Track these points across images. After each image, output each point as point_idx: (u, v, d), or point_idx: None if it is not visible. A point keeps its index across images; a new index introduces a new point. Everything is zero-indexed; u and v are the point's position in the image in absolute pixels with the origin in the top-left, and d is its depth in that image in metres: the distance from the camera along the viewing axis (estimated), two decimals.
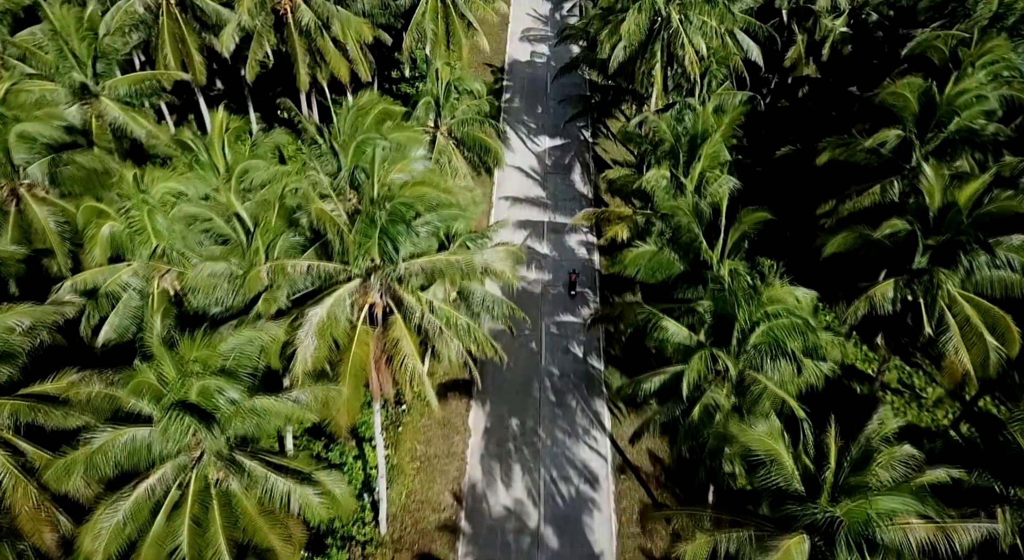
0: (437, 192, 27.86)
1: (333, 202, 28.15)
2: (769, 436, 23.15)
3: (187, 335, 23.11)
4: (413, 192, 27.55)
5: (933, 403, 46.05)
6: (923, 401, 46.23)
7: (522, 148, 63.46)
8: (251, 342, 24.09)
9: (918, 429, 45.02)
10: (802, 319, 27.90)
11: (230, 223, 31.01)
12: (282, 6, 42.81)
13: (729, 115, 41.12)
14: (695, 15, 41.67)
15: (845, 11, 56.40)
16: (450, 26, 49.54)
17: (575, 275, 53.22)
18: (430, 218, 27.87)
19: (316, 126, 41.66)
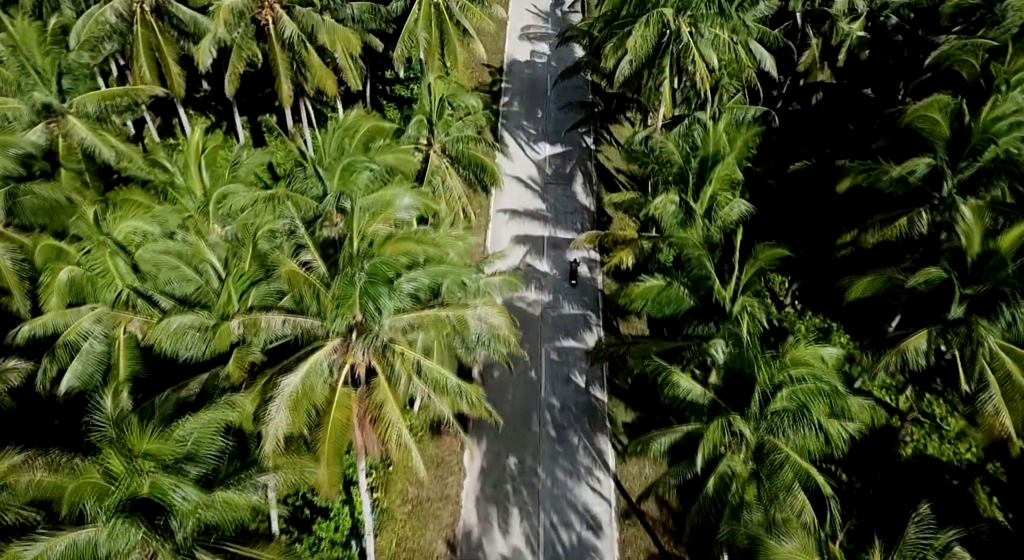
0: (424, 246, 25.03)
1: (311, 252, 25.31)
2: (803, 553, 20.43)
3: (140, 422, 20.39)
4: (397, 248, 24.74)
5: (956, 435, 43.41)
6: (945, 432, 43.61)
7: (521, 156, 60.49)
8: (212, 423, 21.38)
9: (940, 464, 42.49)
10: (830, 385, 25.13)
11: (200, 266, 28.20)
12: (263, 16, 39.79)
13: (742, 136, 38.27)
14: (707, 27, 38.68)
15: (863, 14, 53.27)
16: (444, 34, 46.46)
17: (576, 264, 51.19)
18: (416, 275, 25.10)
19: (300, 150, 38.79)
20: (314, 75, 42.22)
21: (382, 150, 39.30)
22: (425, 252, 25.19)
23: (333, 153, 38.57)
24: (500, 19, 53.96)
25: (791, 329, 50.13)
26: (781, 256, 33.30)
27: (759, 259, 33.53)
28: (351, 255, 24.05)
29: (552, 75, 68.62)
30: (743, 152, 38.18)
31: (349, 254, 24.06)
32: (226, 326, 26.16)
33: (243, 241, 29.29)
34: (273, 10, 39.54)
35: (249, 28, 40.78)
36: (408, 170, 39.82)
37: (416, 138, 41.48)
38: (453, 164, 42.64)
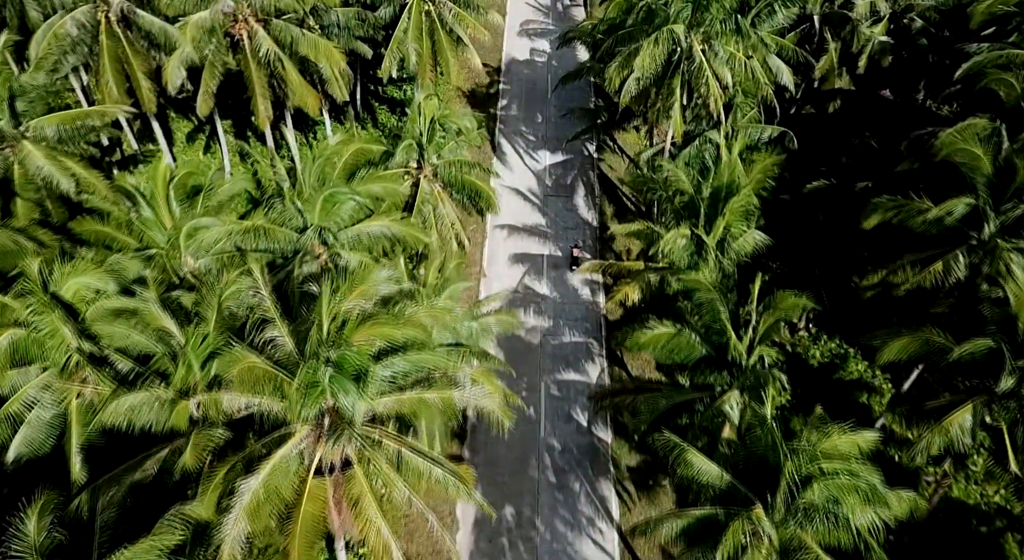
0: (404, 330, 21.88)
1: (278, 327, 22.20)
2: None
3: None
4: (373, 333, 21.61)
5: (983, 475, 40.53)
6: (970, 472, 40.75)
7: (519, 165, 57.17)
8: (155, 549, 18.41)
9: (966, 507, 39.70)
10: (868, 483, 22.11)
11: (158, 332, 25.14)
12: (236, 31, 36.37)
13: (760, 163, 35.08)
14: (721, 46, 35.30)
15: (885, 16, 49.74)
16: (436, 43, 43.00)
17: (577, 249, 49.35)
18: (395, 362, 22.02)
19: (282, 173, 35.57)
20: (294, 93, 38.87)
21: (368, 178, 36.18)
22: (406, 337, 22.08)
23: (314, 183, 35.40)
24: (497, 26, 50.32)
25: (805, 354, 47.27)
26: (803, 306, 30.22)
27: (779, 308, 30.55)
28: (319, 340, 20.97)
29: (553, 75, 65.09)
30: (760, 182, 34.98)
31: (317, 338, 20.97)
32: (184, 405, 23.19)
33: (209, 302, 26.08)
34: (247, 24, 36.10)
35: (222, 43, 37.36)
36: (396, 199, 36.66)
37: (405, 162, 38.25)
38: (446, 188, 39.45)
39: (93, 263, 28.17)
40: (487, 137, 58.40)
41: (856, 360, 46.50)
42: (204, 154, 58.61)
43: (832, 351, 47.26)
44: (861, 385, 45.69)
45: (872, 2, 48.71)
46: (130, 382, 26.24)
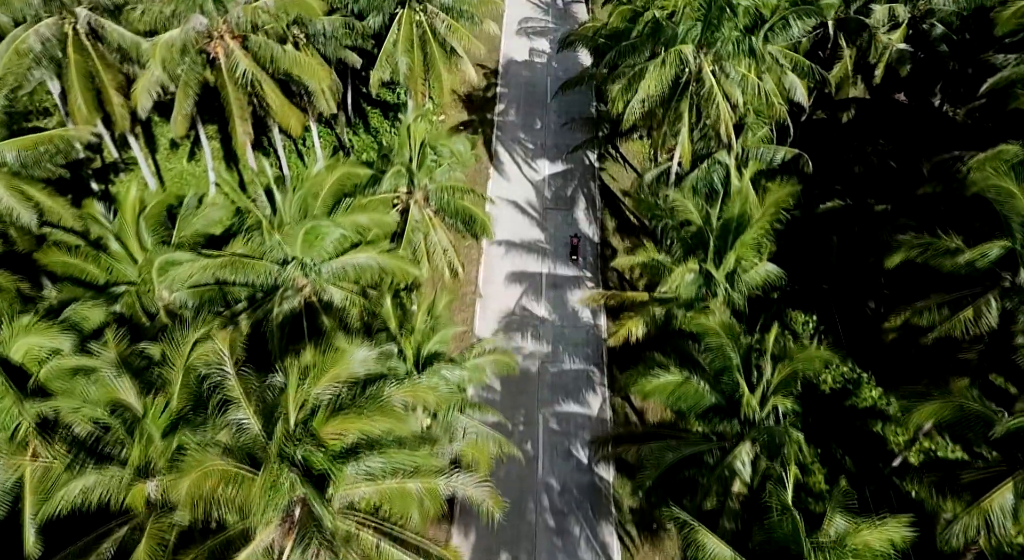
0: (382, 423, 19.48)
1: (243, 408, 19.84)
2: None
3: None
4: (346, 427, 19.24)
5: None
6: None
7: (517, 175, 54.62)
8: None
9: None
10: None
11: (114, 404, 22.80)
12: (212, 49, 33.75)
13: (773, 195, 32.59)
14: (733, 66, 32.68)
15: (904, 22, 46.97)
16: (428, 55, 40.33)
17: (576, 239, 48.38)
18: (370, 460, 19.65)
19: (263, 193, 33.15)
20: (275, 113, 36.27)
21: (353, 208, 33.77)
22: (384, 431, 19.69)
23: (295, 215, 32.97)
24: (493, 36, 47.61)
25: (816, 378, 44.95)
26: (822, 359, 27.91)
27: (796, 361, 28.18)
28: (285, 434, 18.62)
29: (553, 78, 62.41)
30: (774, 215, 32.52)
31: (284, 431, 18.61)
32: (140, 489, 20.89)
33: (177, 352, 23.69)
34: (223, 42, 33.46)
35: (197, 60, 34.70)
36: (384, 229, 34.26)
37: (395, 186, 35.80)
38: (438, 213, 37.03)
39: (45, 323, 25.59)
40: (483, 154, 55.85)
41: (870, 386, 44.27)
42: (189, 161, 56.17)
43: (844, 375, 44.97)
44: (875, 413, 43.42)
45: (891, 7, 45.86)
46: (89, 448, 23.96)
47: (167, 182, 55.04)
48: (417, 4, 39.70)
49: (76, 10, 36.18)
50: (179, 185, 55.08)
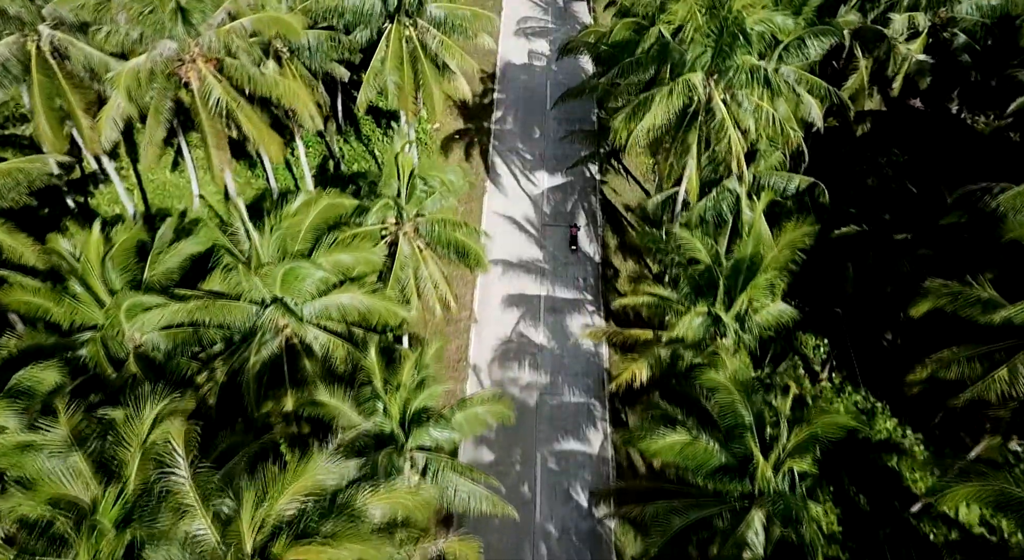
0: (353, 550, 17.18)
1: (199, 516, 17.59)
2: None
3: None
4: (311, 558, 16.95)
5: None
6: None
7: (515, 189, 52.16)
8: None
9: None
10: None
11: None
12: (184, 74, 31.21)
13: (788, 235, 30.32)
14: (745, 96, 30.16)
15: (924, 30, 44.31)
16: (419, 73, 37.76)
17: (576, 228, 47.79)
18: None
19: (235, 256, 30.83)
20: (253, 140, 33.80)
21: (337, 245, 31.50)
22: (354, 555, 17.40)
23: (273, 254, 30.64)
24: (489, 50, 45.02)
25: (827, 408, 42.73)
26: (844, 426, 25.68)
27: (815, 424, 25.97)
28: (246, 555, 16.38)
29: (553, 82, 59.82)
30: (788, 257, 30.19)
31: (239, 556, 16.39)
32: None
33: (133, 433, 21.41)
34: (196, 67, 30.91)
35: (168, 85, 32.14)
36: (370, 267, 31.99)
37: (382, 218, 33.46)
38: (429, 246, 34.69)
39: None
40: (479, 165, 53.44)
41: (884, 416, 42.19)
42: (172, 171, 53.84)
43: (858, 405, 42.81)
44: (890, 446, 41.29)
45: (910, 16, 43.21)
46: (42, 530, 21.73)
47: (149, 194, 52.73)
48: (407, 19, 37.06)
49: (39, 28, 33.62)
50: (161, 197, 52.76)
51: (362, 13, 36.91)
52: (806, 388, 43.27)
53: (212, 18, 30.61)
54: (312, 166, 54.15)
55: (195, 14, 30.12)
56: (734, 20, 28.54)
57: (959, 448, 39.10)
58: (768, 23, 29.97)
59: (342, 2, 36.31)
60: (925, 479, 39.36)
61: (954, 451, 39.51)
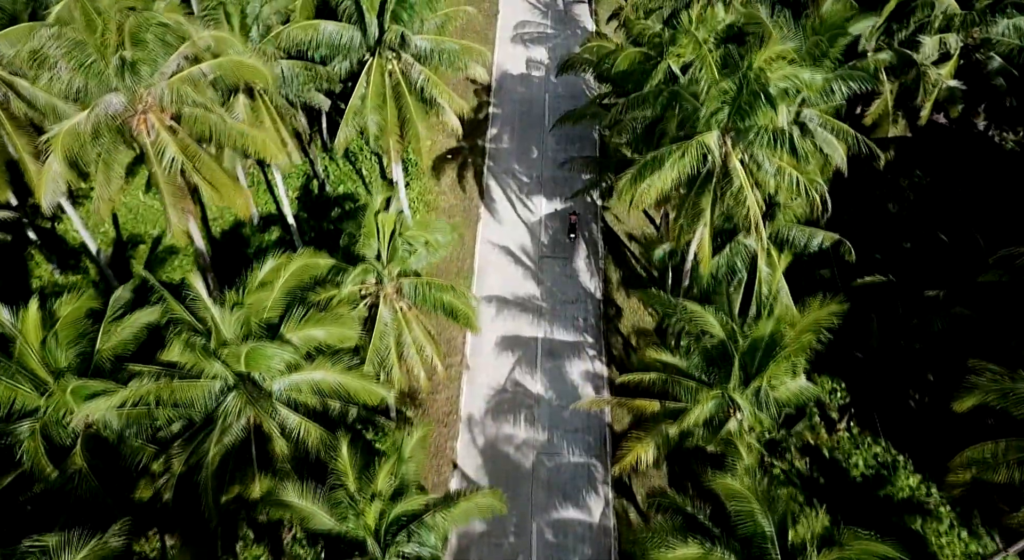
0: None
1: None
2: None
3: None
4: None
5: None
6: None
7: (510, 216, 48.74)
8: None
9: None
10: None
11: None
12: (136, 126, 27.62)
13: (812, 316, 27.05)
14: (766, 156, 26.64)
15: (955, 52, 40.66)
16: (403, 109, 34.18)
17: (575, 216, 46.58)
18: None
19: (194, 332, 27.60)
20: (218, 195, 30.33)
21: (308, 320, 28.31)
22: None
23: (236, 331, 27.40)
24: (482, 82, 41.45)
25: (845, 461, 39.80)
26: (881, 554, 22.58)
27: (847, 550, 22.86)
28: None
29: (552, 95, 56.20)
30: (812, 337, 26.98)
31: None
32: None
33: None
34: (147, 119, 27.38)
35: (118, 139, 28.54)
36: (346, 341, 28.81)
37: (361, 279, 30.22)
38: (412, 308, 31.46)
39: None
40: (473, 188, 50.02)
41: (907, 472, 39.15)
42: (145, 193, 50.51)
43: (878, 457, 39.81)
44: (913, 506, 38.33)
45: (941, 38, 39.58)
46: None
47: (121, 218, 49.43)
48: (389, 52, 33.44)
49: None
50: (133, 222, 49.49)
51: (339, 46, 33.33)
52: (822, 438, 40.24)
53: (166, 66, 27.07)
54: (295, 187, 50.79)
55: (144, 66, 26.59)
56: (755, 78, 25.05)
57: (990, 512, 36.30)
58: (794, 79, 26.45)
59: (316, 35, 32.67)
60: (952, 545, 36.56)
61: (984, 515, 36.73)
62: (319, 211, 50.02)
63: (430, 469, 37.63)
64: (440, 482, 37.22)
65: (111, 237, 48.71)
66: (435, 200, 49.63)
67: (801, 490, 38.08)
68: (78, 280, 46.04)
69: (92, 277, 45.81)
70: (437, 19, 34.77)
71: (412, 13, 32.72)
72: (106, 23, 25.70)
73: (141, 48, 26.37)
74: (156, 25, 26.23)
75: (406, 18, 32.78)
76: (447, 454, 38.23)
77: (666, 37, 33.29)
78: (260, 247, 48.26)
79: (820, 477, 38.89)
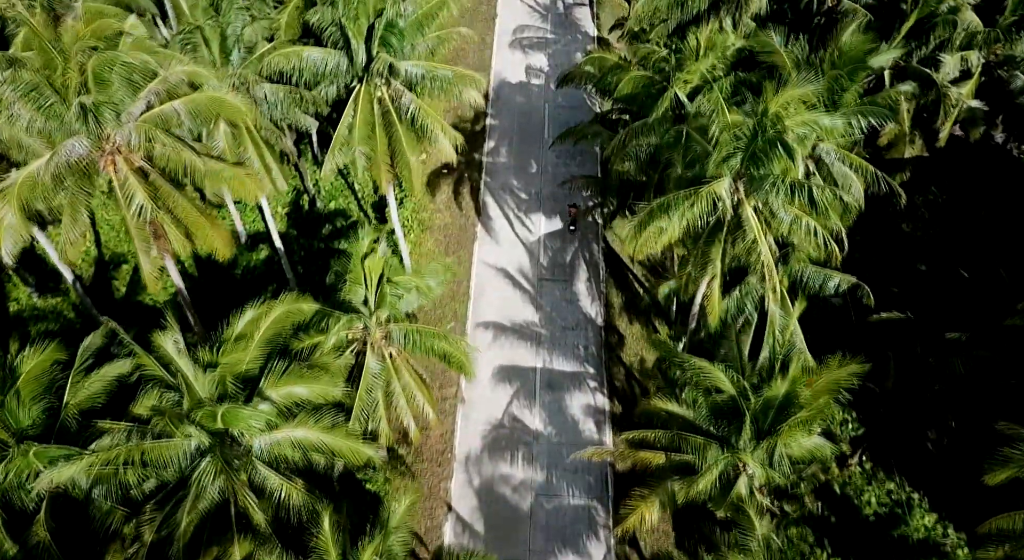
0: None
1: None
2: None
3: None
4: None
5: None
6: None
7: (508, 235, 46.76)
8: None
9: None
10: None
11: None
12: (104, 168, 25.53)
13: (830, 375, 25.18)
14: (783, 206, 24.62)
15: (976, 70, 38.56)
16: (393, 139, 32.07)
17: (575, 208, 45.31)
18: None
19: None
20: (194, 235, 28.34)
21: (290, 375, 26.42)
22: None
23: (209, 392, 25.58)
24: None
25: (856, 497, 38.09)
26: None
27: None
28: None
29: (552, 105, 54.10)
30: (830, 399, 25.17)
31: None
32: None
33: None
34: (115, 161, 25.36)
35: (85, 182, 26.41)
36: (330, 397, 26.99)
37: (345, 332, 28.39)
38: (401, 353, 29.64)
39: None
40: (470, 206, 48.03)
41: (923, 510, 37.44)
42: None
43: (891, 494, 38.12)
44: (929, 548, 36.70)
45: (963, 55, 37.48)
46: None
47: (104, 237, 47.54)
48: (378, 79, 31.34)
49: None
50: (116, 241, 47.54)
51: (324, 74, 31.28)
52: (833, 473, 38.51)
53: (134, 106, 25.02)
54: (284, 203, 48.83)
55: (108, 109, 24.54)
56: (772, 125, 23.04)
57: None
58: (813, 126, 24.45)
59: (299, 63, 30.60)
60: None
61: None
62: (310, 228, 48.12)
63: (423, 512, 35.94)
64: (434, 526, 35.56)
65: (93, 256, 46.89)
66: (430, 218, 47.65)
67: (811, 530, 36.54)
68: (58, 303, 44.37)
69: (72, 299, 44.04)
70: (429, 42, 32.66)
71: (401, 39, 30.64)
72: (67, 62, 23.63)
73: (105, 88, 24.31)
74: (121, 65, 24.19)
75: (395, 43, 30.70)
76: (441, 495, 36.53)
77: (672, 63, 31.21)
78: (248, 267, 46.49)
79: (831, 515, 37.26)
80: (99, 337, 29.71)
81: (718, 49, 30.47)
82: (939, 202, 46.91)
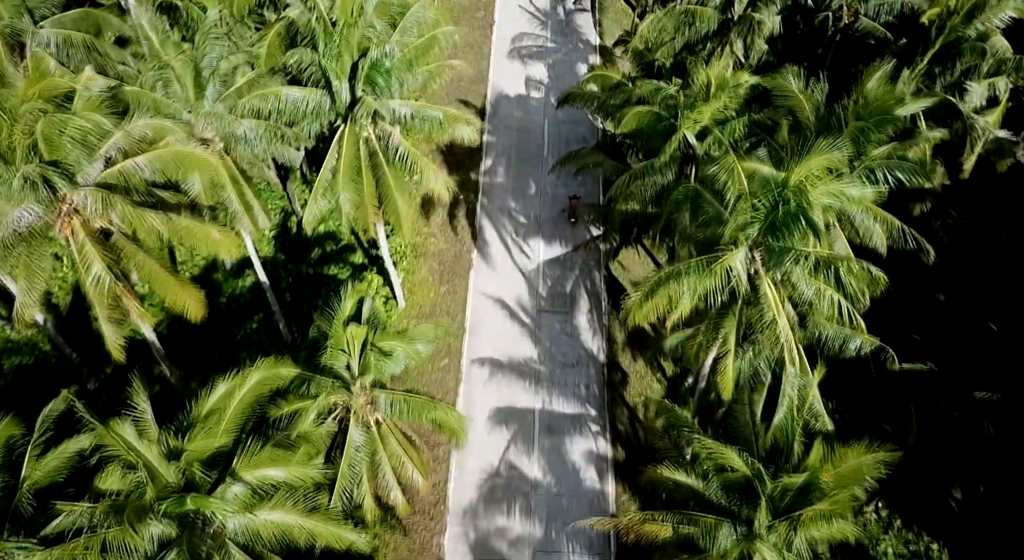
0: None
1: None
2: None
3: None
4: None
5: None
6: None
7: (505, 263, 44.50)
8: None
9: None
10: None
11: None
12: (61, 230, 23.26)
13: (853, 460, 23.22)
14: (805, 280, 22.31)
15: (1004, 95, 36.10)
16: (381, 182, 29.70)
17: (576, 199, 44.62)
18: None
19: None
20: (164, 297, 26.09)
21: (263, 457, 24.32)
22: None
23: (175, 478, 23.48)
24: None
25: (872, 547, 36.15)
26: None
27: None
28: None
29: (551, 120, 51.65)
30: (853, 490, 23.07)
31: None
32: None
33: None
34: (71, 224, 23.10)
35: (40, 243, 24.13)
36: (309, 479, 24.90)
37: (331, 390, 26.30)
38: (389, 417, 27.55)
39: None
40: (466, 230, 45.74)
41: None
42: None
43: (909, 545, 36.20)
44: None
45: (991, 82, 35.08)
46: None
47: None
48: (364, 120, 28.94)
49: None
50: None
51: (305, 114, 28.94)
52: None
53: (91, 166, 22.73)
54: (272, 226, 46.52)
55: (57, 176, 22.24)
56: (793, 197, 20.73)
57: None
58: (840, 197, 22.14)
59: (277, 104, 28.26)
60: None
61: None
62: (298, 253, 45.91)
63: None
64: None
65: (70, 283, 44.63)
66: (423, 243, 45.37)
67: None
68: (32, 335, 42.26)
69: (47, 332, 41.90)
70: (420, 77, 30.23)
71: (388, 78, 28.22)
72: (13, 124, 21.34)
73: (56, 151, 22.03)
74: (73, 128, 21.89)
75: (382, 83, 28.30)
76: (433, 551, 34.55)
77: (680, 101, 28.85)
78: (233, 294, 44.34)
79: None
80: (61, 402, 27.51)
81: (729, 88, 28.11)
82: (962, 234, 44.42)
